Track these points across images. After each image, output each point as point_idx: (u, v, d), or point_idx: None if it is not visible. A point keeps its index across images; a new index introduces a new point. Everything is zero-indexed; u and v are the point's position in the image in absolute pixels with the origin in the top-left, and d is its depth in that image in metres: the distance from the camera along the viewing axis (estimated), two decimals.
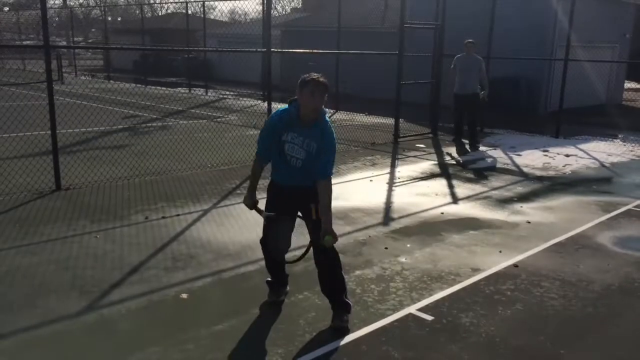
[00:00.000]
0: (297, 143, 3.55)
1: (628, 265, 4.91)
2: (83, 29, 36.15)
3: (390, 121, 11.22)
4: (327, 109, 3.67)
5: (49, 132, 6.76)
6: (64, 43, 29.30)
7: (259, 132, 3.92)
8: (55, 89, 6.85)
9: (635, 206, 6.80)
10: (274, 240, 3.82)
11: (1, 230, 5.32)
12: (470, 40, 10.66)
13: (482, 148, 10.46)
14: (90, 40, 36.22)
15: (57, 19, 32.35)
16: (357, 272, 4.57)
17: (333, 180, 3.65)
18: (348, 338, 3.55)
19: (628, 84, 22.81)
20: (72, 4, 39.32)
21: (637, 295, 4.33)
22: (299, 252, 3.83)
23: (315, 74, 3.50)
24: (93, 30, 37.55)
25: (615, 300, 4.23)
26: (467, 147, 10.52)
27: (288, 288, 4.14)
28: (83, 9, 40.21)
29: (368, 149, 10.19)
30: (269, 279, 4.08)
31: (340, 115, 14.36)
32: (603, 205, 6.81)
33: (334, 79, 14.88)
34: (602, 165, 9.36)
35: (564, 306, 4.08)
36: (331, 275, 3.71)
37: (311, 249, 3.72)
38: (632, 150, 10.79)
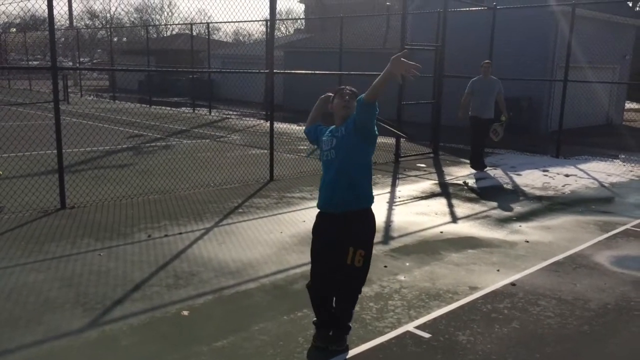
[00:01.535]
0: (328, 136, 3.64)
1: (625, 284, 4.96)
2: (89, 49, 36.62)
3: (391, 141, 11.33)
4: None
5: (55, 151, 6.88)
6: (70, 64, 29.67)
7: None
8: (61, 109, 6.98)
9: (634, 226, 6.86)
10: (315, 260, 3.70)
11: (7, 248, 5.42)
12: (487, 61, 10.49)
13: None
14: (95, 61, 36.65)
15: (63, 39, 32.79)
16: None
17: None
18: (346, 355, 3.61)
19: (629, 105, 22.99)
20: (78, 25, 39.89)
21: (633, 314, 4.37)
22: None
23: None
24: (99, 50, 38.02)
25: (611, 319, 4.27)
26: (470, 167, 10.53)
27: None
28: (89, 30, 40.72)
29: None
30: (315, 319, 3.81)
31: None
32: (601, 224, 6.87)
33: None
34: (602, 185, 9.43)
35: (560, 324, 4.13)
36: (343, 306, 3.69)
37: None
38: (631, 171, 10.87)
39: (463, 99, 10.40)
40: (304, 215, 6.87)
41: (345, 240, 3.52)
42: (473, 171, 10.32)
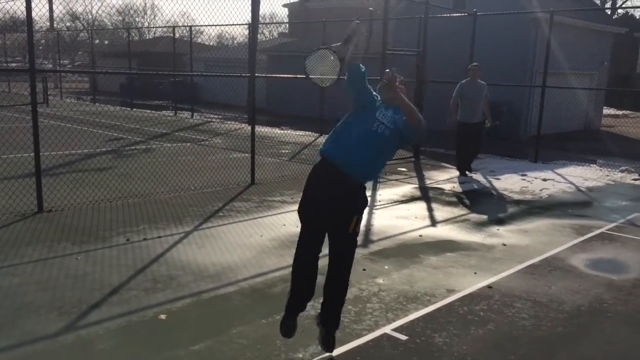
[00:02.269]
0: (389, 112, 3.54)
1: (598, 286, 5.05)
2: (70, 51, 36.24)
3: None
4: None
5: (32, 154, 6.81)
6: (50, 66, 29.36)
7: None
8: (40, 111, 6.93)
9: (609, 229, 6.98)
10: (303, 242, 3.57)
11: None
12: (475, 63, 10.34)
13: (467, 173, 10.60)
14: (77, 63, 36.27)
15: (43, 41, 32.44)
16: None
17: None
18: (324, 358, 3.62)
19: (607, 110, 23.38)
20: (59, 27, 39.47)
21: (606, 315, 4.46)
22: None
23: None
24: (80, 53, 37.64)
25: (584, 320, 4.35)
26: (458, 172, 10.57)
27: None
28: (70, 32, 40.34)
29: None
30: (289, 299, 3.64)
31: (325, 139, 14.51)
32: (577, 228, 6.98)
33: (319, 102, 15.10)
34: (578, 189, 9.58)
35: (534, 326, 4.20)
36: (339, 287, 3.63)
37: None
38: (608, 175, 11.05)
39: (451, 104, 10.19)
40: (284, 219, 6.87)
41: (350, 209, 3.50)
42: (454, 175, 10.41)
